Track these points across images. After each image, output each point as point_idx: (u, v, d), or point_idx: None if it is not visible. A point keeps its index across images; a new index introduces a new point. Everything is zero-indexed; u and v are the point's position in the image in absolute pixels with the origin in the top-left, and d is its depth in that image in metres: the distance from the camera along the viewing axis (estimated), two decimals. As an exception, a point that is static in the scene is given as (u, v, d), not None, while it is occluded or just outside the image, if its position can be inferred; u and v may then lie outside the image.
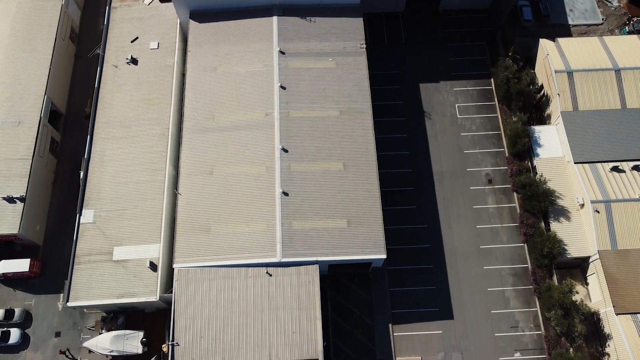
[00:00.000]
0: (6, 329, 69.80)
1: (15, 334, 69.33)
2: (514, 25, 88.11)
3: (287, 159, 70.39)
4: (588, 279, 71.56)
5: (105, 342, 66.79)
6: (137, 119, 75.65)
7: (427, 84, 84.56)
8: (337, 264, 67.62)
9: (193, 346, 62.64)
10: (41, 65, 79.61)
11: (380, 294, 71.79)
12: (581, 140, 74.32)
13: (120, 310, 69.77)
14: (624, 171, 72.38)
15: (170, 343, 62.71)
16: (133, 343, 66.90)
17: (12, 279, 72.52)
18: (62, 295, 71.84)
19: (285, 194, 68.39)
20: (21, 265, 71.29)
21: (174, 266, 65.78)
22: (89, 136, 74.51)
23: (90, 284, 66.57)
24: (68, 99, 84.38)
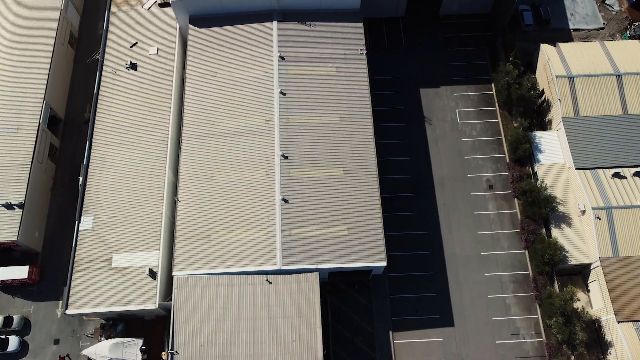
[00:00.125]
0: (5, 336, 69.49)
1: (13, 342, 69.00)
2: (514, 30, 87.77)
3: (287, 166, 70.08)
4: (589, 285, 71.25)
5: (104, 350, 66.45)
6: (137, 125, 75.32)
7: (428, 89, 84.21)
8: (337, 271, 67.29)
9: (192, 354, 62.27)
10: (40, 71, 79.25)
11: (381, 301, 71.48)
12: (582, 146, 73.99)
13: (119, 317, 69.44)
14: (626, 177, 72.05)
15: (169, 351, 62.41)
16: (132, 351, 66.57)
17: (10, 286, 72.18)
18: (61, 302, 71.53)
19: (285, 200, 68.08)
20: (20, 272, 70.94)
21: (173, 274, 65.48)
22: (87, 142, 74.17)
23: (89, 292, 66.24)
24: (67, 104, 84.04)
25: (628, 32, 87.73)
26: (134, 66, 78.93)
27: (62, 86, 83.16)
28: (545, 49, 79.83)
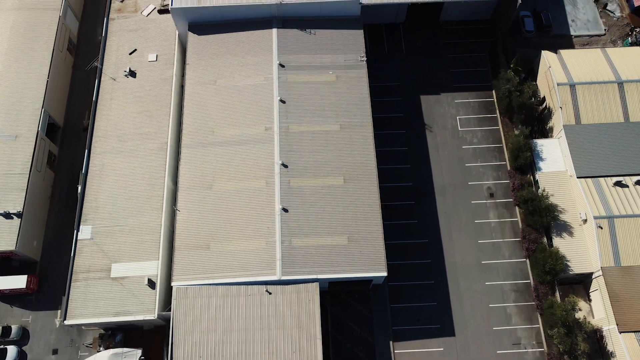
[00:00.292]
0: (3, 346, 69.05)
1: (12, 352, 68.52)
2: (515, 36, 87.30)
3: (287, 174, 69.66)
4: (591, 295, 70.85)
5: (103, 360, 66.12)
6: (136, 133, 74.86)
7: (428, 96, 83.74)
8: (338, 281, 66.89)
9: (192, 366, 62.00)
10: (39, 77, 78.64)
11: (381, 311, 71.04)
12: (584, 154, 73.55)
13: (118, 327, 69.01)
14: (627, 186, 71.62)
15: (168, 363, 62.07)
16: (131, 361, 66.22)
17: (9, 296, 71.72)
18: (59, 312, 71.09)
19: (285, 210, 67.67)
20: (18, 281, 70.47)
21: (172, 284, 65.08)
22: (86, 150, 73.70)
23: (88, 302, 65.84)
24: (66, 111, 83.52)
25: (629, 38, 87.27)
26: (133, 73, 78.48)
27: (60, 93, 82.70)
28: (547, 56, 79.40)
